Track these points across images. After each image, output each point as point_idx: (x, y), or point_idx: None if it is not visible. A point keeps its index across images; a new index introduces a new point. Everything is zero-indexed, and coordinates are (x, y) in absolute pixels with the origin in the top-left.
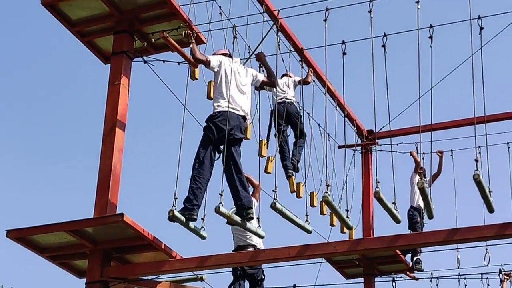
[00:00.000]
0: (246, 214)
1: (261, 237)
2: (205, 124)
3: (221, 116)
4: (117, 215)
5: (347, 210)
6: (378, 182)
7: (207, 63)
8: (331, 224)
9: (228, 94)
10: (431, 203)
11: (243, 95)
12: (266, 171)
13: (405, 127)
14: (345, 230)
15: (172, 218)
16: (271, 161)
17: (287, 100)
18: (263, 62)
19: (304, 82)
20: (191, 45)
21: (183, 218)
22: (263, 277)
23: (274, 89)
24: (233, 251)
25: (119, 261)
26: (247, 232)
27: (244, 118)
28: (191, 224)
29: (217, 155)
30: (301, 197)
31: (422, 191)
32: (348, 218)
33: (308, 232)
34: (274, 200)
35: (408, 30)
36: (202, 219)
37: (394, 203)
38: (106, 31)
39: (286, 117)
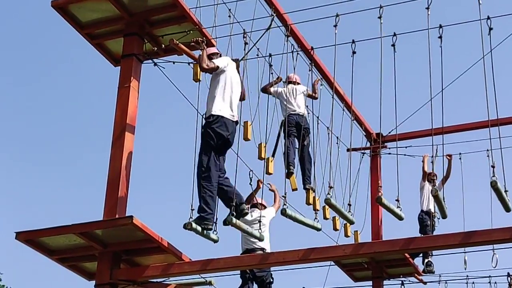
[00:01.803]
0: (241, 211)
1: (261, 239)
2: (203, 130)
3: (218, 121)
4: (127, 217)
5: (349, 205)
6: (381, 187)
7: (215, 69)
8: (335, 229)
9: (228, 98)
10: (445, 206)
11: (236, 100)
12: (268, 173)
13: (415, 130)
14: (349, 233)
15: (189, 229)
16: (271, 161)
17: (300, 114)
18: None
19: (310, 97)
20: (201, 53)
21: (199, 229)
22: (271, 280)
23: (284, 101)
24: (241, 254)
25: (128, 263)
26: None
27: (237, 123)
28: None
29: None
30: (318, 210)
31: (437, 198)
32: (349, 213)
33: (318, 229)
34: (284, 207)
35: (418, 30)
36: (214, 222)
37: (397, 200)
38: (116, 33)
39: (296, 128)
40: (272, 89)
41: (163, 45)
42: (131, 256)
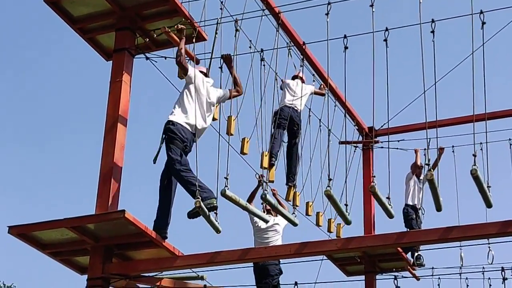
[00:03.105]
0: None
1: (265, 221)
2: (164, 136)
3: (176, 126)
4: (119, 211)
5: (346, 205)
6: (374, 176)
7: (185, 70)
8: (317, 224)
9: (189, 109)
10: (440, 195)
11: (205, 113)
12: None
13: (407, 124)
14: (332, 229)
15: (198, 209)
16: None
17: (295, 108)
18: (228, 66)
19: (319, 94)
20: (180, 43)
21: (206, 210)
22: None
23: (286, 91)
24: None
25: (121, 257)
26: (268, 237)
27: (195, 135)
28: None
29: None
30: (298, 206)
31: (432, 183)
32: (347, 213)
33: (295, 224)
34: (265, 192)
35: (410, 24)
36: (215, 213)
37: (388, 198)
38: (108, 28)
39: (288, 122)
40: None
41: (155, 35)
42: (123, 250)
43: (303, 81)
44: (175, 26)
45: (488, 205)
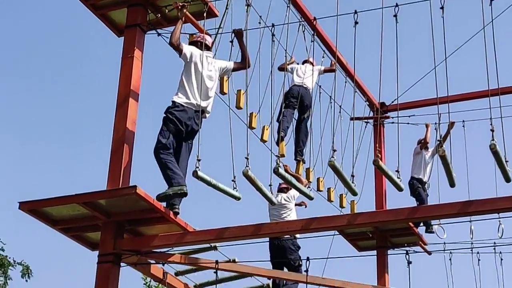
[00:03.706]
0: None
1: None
2: (164, 115)
3: (178, 107)
4: (130, 187)
5: (352, 176)
6: (379, 150)
7: (178, 51)
8: (329, 200)
9: (191, 88)
10: (453, 171)
11: (208, 89)
12: (262, 140)
13: (418, 100)
14: (344, 204)
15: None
16: (267, 129)
17: (304, 86)
18: (239, 40)
19: (329, 70)
20: (177, 24)
21: (210, 179)
22: (300, 263)
23: (294, 73)
24: (270, 238)
25: (132, 233)
26: (280, 214)
27: (203, 111)
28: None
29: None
30: (311, 182)
31: (444, 159)
32: (353, 184)
33: (311, 198)
34: (277, 166)
35: (420, 0)
36: (233, 180)
37: (397, 171)
38: (120, 4)
39: (298, 100)
40: (289, 67)
41: (167, 11)
42: (134, 226)
43: (312, 65)
44: (174, 3)
45: (507, 179)
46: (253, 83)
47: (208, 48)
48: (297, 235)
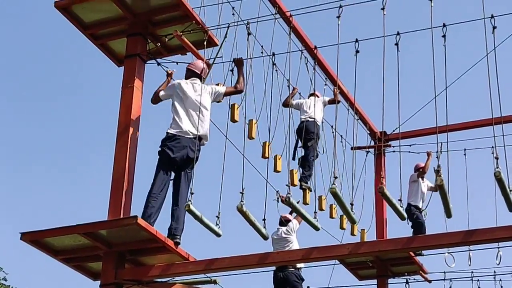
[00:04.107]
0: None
1: (218, 235)
2: (159, 148)
3: (171, 139)
4: (131, 217)
5: (352, 204)
6: (383, 177)
7: (160, 101)
8: (341, 227)
9: (180, 117)
10: (450, 202)
11: (197, 115)
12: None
13: (419, 128)
14: (356, 232)
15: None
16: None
17: (309, 119)
18: (238, 69)
19: (332, 102)
20: (162, 84)
21: (198, 213)
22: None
23: (301, 109)
24: (274, 271)
25: (133, 263)
26: (281, 248)
27: (200, 138)
28: (206, 220)
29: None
30: (323, 210)
31: (442, 188)
32: (352, 212)
33: (317, 229)
34: (288, 195)
35: (421, 29)
36: (217, 216)
37: (400, 200)
38: (120, 33)
39: (304, 132)
40: (294, 102)
41: (167, 41)
42: (136, 256)
43: (318, 97)
44: (174, 32)
45: (511, 208)
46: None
47: (197, 75)
48: (301, 267)
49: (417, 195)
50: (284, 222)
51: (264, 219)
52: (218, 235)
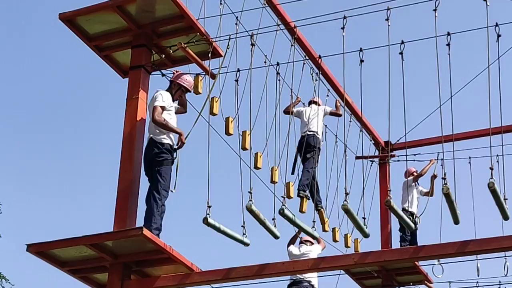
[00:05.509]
0: None
1: (246, 244)
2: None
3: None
4: (137, 228)
5: (364, 218)
6: (390, 190)
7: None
8: (334, 240)
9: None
10: (457, 208)
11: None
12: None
13: (423, 138)
14: (349, 244)
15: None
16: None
17: (309, 133)
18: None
19: (335, 114)
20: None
21: (217, 225)
22: None
23: (301, 119)
24: (288, 285)
25: (139, 274)
26: None
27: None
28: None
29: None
30: (327, 231)
31: (448, 196)
32: (365, 226)
33: (314, 238)
34: (283, 207)
35: (426, 37)
36: (243, 226)
37: (403, 210)
38: (124, 45)
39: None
40: (295, 110)
41: (171, 52)
42: (141, 267)
43: (318, 106)
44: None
45: (505, 217)
46: (259, 122)
47: (187, 91)
48: (315, 284)
49: (412, 201)
50: (306, 242)
51: (273, 218)
52: (245, 244)
